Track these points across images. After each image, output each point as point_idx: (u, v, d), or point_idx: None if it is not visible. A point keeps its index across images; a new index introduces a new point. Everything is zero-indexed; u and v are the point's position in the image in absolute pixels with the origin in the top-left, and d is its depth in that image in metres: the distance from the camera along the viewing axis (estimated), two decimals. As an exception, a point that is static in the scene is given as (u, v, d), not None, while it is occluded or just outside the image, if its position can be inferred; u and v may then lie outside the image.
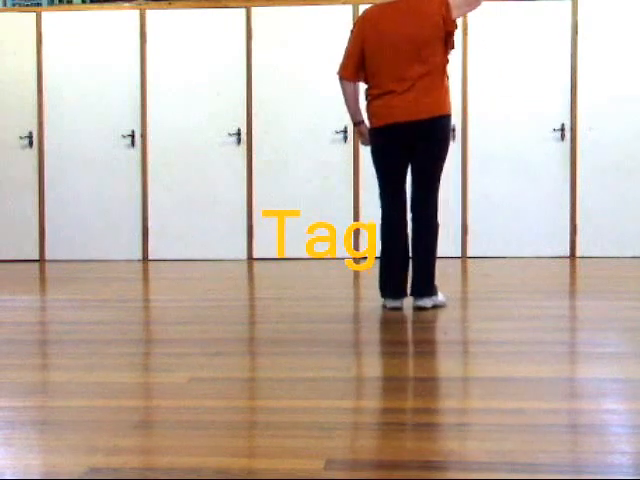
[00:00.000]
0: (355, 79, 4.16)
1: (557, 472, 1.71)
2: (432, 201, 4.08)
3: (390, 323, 3.71)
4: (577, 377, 2.62)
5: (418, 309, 3.99)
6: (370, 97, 4.11)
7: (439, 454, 1.83)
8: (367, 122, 4.18)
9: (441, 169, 4.11)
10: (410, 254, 4.10)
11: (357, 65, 4.11)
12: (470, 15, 6.93)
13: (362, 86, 4.28)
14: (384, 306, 4.06)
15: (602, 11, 6.85)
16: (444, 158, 4.08)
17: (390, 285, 4.05)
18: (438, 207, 4.11)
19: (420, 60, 3.94)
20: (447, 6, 3.93)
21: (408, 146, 4.03)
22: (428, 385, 2.52)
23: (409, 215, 4.14)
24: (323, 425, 2.08)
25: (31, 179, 7.26)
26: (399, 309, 4.01)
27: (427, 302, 3.99)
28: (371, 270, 6.06)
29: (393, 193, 4.15)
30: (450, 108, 4.06)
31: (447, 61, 4.04)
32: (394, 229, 4.10)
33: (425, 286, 4.00)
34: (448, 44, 3.99)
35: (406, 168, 4.12)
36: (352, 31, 4.17)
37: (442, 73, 4.01)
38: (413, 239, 4.07)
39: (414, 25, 3.95)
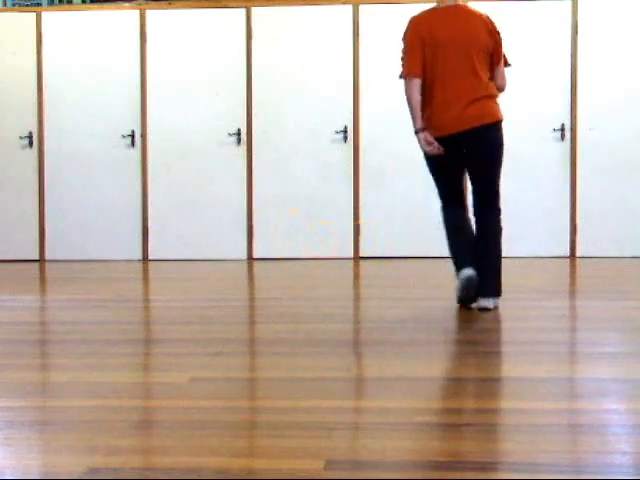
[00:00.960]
0: (422, 75, 3.99)
1: (557, 472, 1.71)
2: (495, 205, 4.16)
3: (390, 323, 3.71)
4: (577, 377, 2.62)
5: (481, 310, 3.97)
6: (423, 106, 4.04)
7: (439, 454, 1.83)
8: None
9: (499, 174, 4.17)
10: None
11: (422, 62, 3.99)
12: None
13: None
14: (461, 281, 4.02)
15: (602, 11, 6.85)
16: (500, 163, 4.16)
17: (465, 254, 4.08)
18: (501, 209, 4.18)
19: (472, 67, 4.00)
20: (496, 40, 4.06)
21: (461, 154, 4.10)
22: (428, 385, 2.52)
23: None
24: (323, 425, 2.08)
25: (31, 179, 7.26)
26: (472, 280, 3.96)
27: (492, 302, 4.00)
28: (370, 270, 6.06)
29: (454, 194, 4.21)
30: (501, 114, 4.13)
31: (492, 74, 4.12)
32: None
33: (492, 286, 4.01)
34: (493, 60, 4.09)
35: (462, 169, 4.17)
36: (405, 36, 4.07)
37: (490, 81, 4.10)
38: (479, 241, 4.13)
39: (468, 32, 3.99)
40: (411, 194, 6.92)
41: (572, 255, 6.93)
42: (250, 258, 7.10)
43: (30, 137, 7.22)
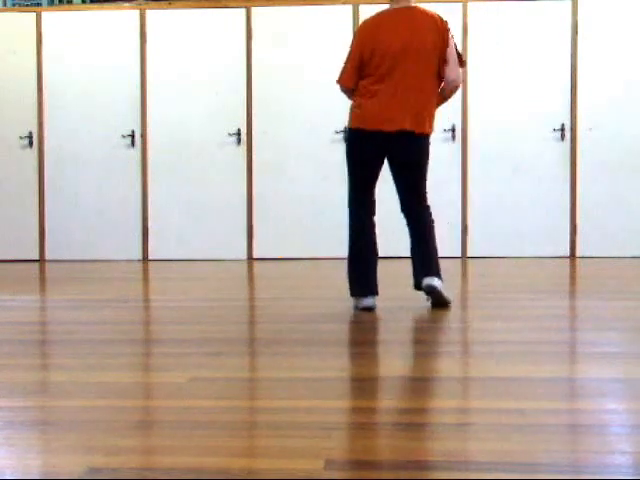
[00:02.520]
0: (352, 86, 4.14)
1: (557, 472, 1.71)
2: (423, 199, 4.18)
3: (390, 323, 3.71)
4: (577, 377, 2.62)
5: (428, 290, 4.02)
6: (360, 96, 4.11)
7: (439, 454, 1.83)
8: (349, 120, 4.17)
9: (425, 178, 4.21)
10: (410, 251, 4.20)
11: (356, 73, 4.10)
12: (470, 15, 6.94)
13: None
14: (356, 307, 4.08)
15: (602, 11, 6.85)
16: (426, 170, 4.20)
17: (363, 282, 4.06)
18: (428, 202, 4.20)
19: (416, 73, 4.00)
20: (444, 39, 4.01)
21: (386, 153, 4.12)
22: (428, 385, 2.52)
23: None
24: (323, 425, 2.08)
25: (31, 179, 7.26)
26: (372, 309, 4.03)
27: (437, 281, 4.02)
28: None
29: (364, 195, 4.17)
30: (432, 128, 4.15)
31: (439, 83, 4.11)
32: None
33: (434, 266, 4.05)
34: (441, 69, 4.05)
35: (379, 173, 4.18)
36: (352, 41, 4.16)
37: (435, 90, 4.08)
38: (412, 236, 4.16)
39: (415, 35, 4.00)
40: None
41: (572, 255, 6.93)
42: (250, 258, 7.10)
43: (30, 137, 7.22)
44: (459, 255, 7.01)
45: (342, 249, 7.07)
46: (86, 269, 6.44)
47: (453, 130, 6.98)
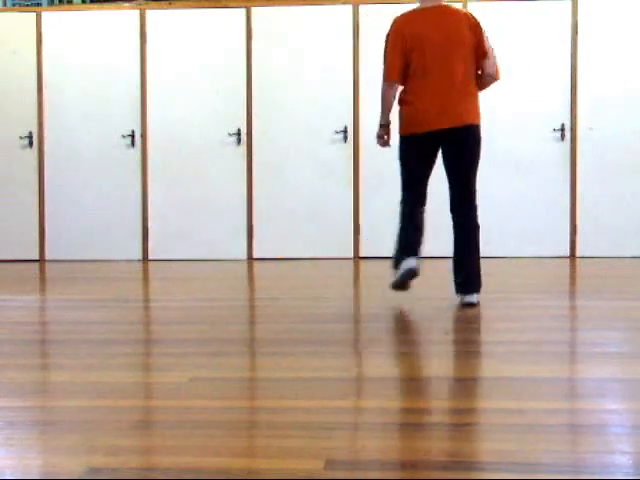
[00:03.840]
0: (400, 81, 4.16)
1: (557, 472, 1.71)
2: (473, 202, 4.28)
3: (391, 323, 3.71)
4: (577, 377, 2.62)
5: (465, 305, 4.09)
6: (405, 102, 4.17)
7: (439, 454, 1.83)
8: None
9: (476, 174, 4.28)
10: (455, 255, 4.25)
11: (401, 67, 4.13)
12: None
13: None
14: (397, 270, 4.14)
15: (602, 11, 6.85)
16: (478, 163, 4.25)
17: (408, 244, 4.15)
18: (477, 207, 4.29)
19: (455, 67, 4.07)
20: (477, 33, 4.12)
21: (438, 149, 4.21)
22: (428, 385, 2.52)
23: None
24: (323, 425, 2.08)
25: (31, 179, 7.26)
26: (414, 272, 4.10)
27: (474, 299, 4.12)
28: (370, 270, 6.06)
29: (416, 190, 4.26)
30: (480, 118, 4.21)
31: (476, 73, 4.17)
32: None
33: (474, 283, 4.14)
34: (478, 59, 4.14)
35: (432, 168, 4.26)
36: (387, 37, 4.17)
37: (475, 83, 4.16)
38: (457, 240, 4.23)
39: (450, 30, 4.08)
40: (411, 194, 6.92)
41: (572, 255, 6.93)
42: (250, 258, 7.10)
43: (30, 137, 7.22)
44: (459, 255, 7.01)
45: (342, 249, 7.08)
46: (86, 269, 6.44)
47: (453, 130, 6.98)
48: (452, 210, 4.25)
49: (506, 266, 6.29)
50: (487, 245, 7.02)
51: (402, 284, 4.16)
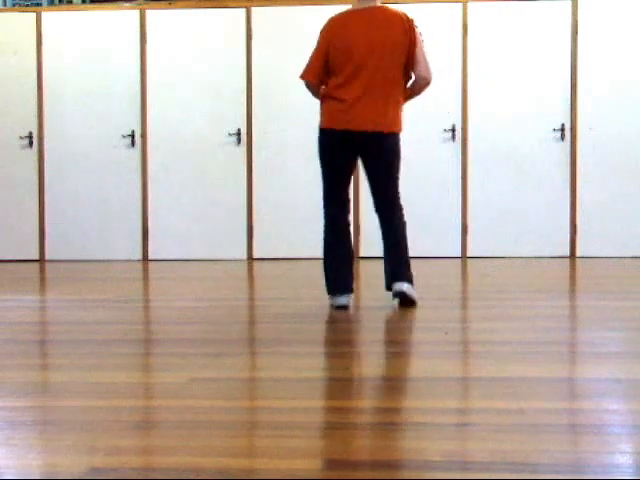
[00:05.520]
0: (315, 81, 4.17)
1: (557, 472, 1.71)
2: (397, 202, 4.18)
3: (390, 323, 3.71)
4: (577, 377, 2.62)
5: (398, 295, 4.02)
6: (327, 96, 4.13)
7: (439, 454, 1.83)
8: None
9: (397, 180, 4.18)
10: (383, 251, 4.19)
11: (320, 69, 4.12)
12: (470, 15, 6.94)
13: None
14: (332, 305, 4.09)
15: (602, 11, 6.85)
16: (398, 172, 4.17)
17: (339, 280, 4.06)
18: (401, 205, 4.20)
19: (384, 70, 3.99)
20: (411, 38, 3.99)
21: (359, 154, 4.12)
22: (428, 385, 2.52)
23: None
24: (323, 425, 2.08)
25: (31, 179, 7.26)
26: (346, 307, 4.04)
27: (406, 286, 4.03)
28: (371, 270, 6.06)
29: (338, 195, 4.18)
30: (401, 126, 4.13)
31: (406, 80, 4.10)
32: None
33: (404, 271, 4.05)
34: (407, 69, 4.05)
35: (352, 172, 4.20)
36: (318, 37, 4.16)
37: (402, 89, 4.08)
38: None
39: (381, 34, 3.99)
40: (411, 194, 6.92)
41: (572, 255, 6.93)
42: (250, 258, 7.10)
43: (30, 137, 7.22)
44: (459, 255, 7.01)
45: (342, 249, 7.07)
46: (86, 269, 6.44)
47: (453, 130, 6.98)
48: (376, 211, 4.20)
49: (506, 266, 6.29)
50: (487, 245, 7.02)
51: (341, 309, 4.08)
